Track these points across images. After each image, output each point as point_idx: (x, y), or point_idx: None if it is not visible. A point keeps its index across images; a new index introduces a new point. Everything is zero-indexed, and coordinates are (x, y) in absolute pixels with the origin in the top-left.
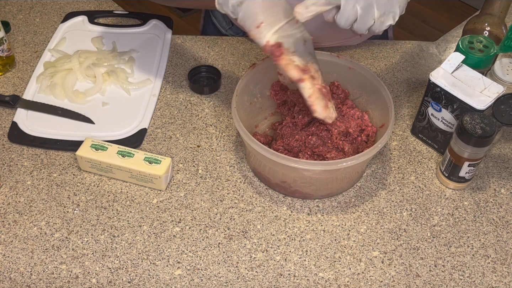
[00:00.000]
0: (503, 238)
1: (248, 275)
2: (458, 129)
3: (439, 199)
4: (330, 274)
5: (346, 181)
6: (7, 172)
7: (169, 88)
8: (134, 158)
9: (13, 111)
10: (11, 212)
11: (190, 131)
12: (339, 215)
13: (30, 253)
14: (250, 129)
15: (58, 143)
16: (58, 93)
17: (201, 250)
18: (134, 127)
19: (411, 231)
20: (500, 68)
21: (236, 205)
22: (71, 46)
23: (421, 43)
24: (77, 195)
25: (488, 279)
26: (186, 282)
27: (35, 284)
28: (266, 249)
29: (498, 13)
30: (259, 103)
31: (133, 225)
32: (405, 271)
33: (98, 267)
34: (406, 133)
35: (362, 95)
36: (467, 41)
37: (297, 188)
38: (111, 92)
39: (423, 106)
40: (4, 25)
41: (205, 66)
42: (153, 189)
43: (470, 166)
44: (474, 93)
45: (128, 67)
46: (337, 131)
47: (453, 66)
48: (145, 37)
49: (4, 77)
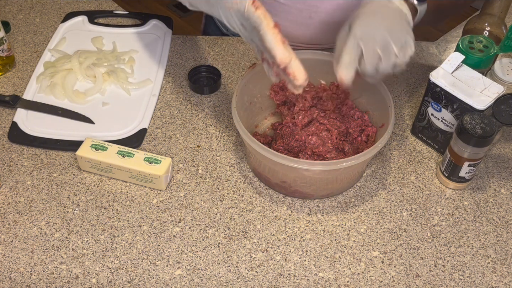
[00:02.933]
0: (503, 238)
1: (248, 275)
2: (458, 129)
3: (439, 199)
4: (330, 274)
5: (346, 181)
6: (7, 172)
7: (169, 88)
8: (134, 158)
9: (13, 111)
10: (11, 212)
11: (190, 131)
12: (339, 215)
13: (30, 253)
14: (250, 129)
15: (58, 143)
16: (58, 93)
17: (201, 250)
18: (134, 127)
19: (411, 231)
20: (500, 68)
21: (236, 205)
22: (71, 46)
23: (421, 43)
24: (77, 195)
25: (488, 279)
26: (186, 282)
27: (35, 284)
28: (266, 249)
29: (498, 13)
30: (259, 103)
31: (133, 225)
32: (405, 271)
33: (98, 267)
34: (406, 133)
35: (362, 95)
36: (467, 41)
37: (297, 188)
38: (111, 92)
39: (423, 106)
40: (4, 25)
41: (205, 66)
42: (153, 189)
43: (470, 166)
44: (474, 93)
45: (128, 67)
46: (337, 131)
47: (453, 66)
48: (145, 37)
49: (4, 77)
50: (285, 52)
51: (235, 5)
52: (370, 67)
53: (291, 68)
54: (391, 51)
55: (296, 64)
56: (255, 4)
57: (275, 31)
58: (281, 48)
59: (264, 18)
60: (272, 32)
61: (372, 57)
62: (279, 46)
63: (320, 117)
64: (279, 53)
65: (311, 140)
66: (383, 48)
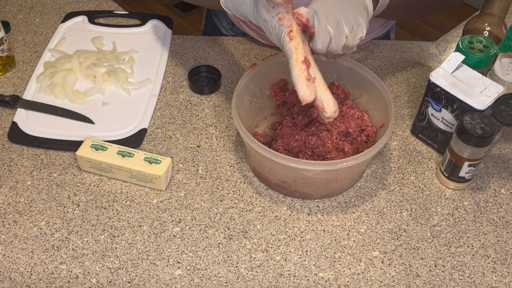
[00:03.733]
0: (503, 238)
1: (248, 275)
2: (458, 129)
3: (439, 199)
4: (330, 274)
5: (346, 181)
6: (7, 172)
7: (169, 88)
8: (134, 158)
9: (13, 111)
10: (11, 212)
11: (190, 131)
12: (339, 215)
13: (30, 253)
14: (250, 129)
15: (58, 143)
16: (58, 93)
17: (201, 250)
18: (134, 127)
19: (411, 231)
20: (500, 68)
21: (236, 205)
22: (71, 46)
23: (421, 43)
24: (77, 195)
25: (488, 279)
26: (186, 282)
27: (35, 284)
28: (266, 249)
29: (498, 13)
30: (259, 103)
31: (133, 225)
32: (405, 271)
33: (98, 267)
34: (406, 133)
35: (362, 95)
36: (467, 41)
37: (297, 188)
38: (111, 92)
39: (423, 106)
40: (4, 25)
41: (205, 66)
42: (153, 189)
43: (470, 166)
44: (474, 93)
45: (128, 67)
46: (337, 131)
47: (453, 66)
48: (145, 37)
49: (4, 77)
50: (307, 90)
51: (274, 30)
52: (321, 45)
53: (319, 100)
54: (342, 31)
55: (326, 97)
56: (290, 35)
57: (302, 68)
58: (303, 86)
59: (295, 51)
60: (298, 69)
61: (324, 35)
62: (302, 84)
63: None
64: (301, 90)
65: (311, 140)
66: (335, 27)
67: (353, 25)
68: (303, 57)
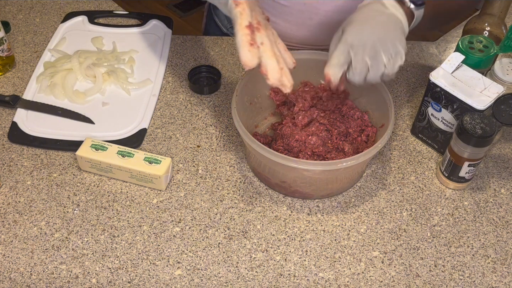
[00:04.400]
0: (503, 238)
1: (248, 275)
2: (458, 129)
3: (439, 199)
4: (330, 274)
5: (346, 181)
6: (7, 172)
7: (169, 88)
8: (134, 158)
9: (13, 111)
10: (11, 212)
11: (190, 131)
12: (339, 215)
13: (30, 253)
14: (250, 129)
15: (58, 143)
16: (58, 93)
17: (201, 250)
18: (134, 127)
19: (411, 231)
20: (500, 68)
21: (236, 205)
22: (71, 46)
23: (421, 43)
24: (77, 195)
25: (488, 279)
26: (186, 282)
27: (35, 284)
28: (266, 249)
29: (498, 13)
30: (259, 103)
31: (133, 225)
32: (405, 271)
33: (98, 267)
34: (406, 133)
35: (362, 95)
36: (467, 41)
37: (297, 188)
38: (111, 92)
39: (423, 106)
40: (4, 25)
41: (205, 66)
42: (153, 189)
43: (470, 166)
44: (474, 93)
45: (128, 67)
46: (337, 131)
47: (453, 66)
48: (145, 37)
49: (4, 77)
50: (248, 55)
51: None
52: (358, 76)
53: (263, 66)
54: (380, 61)
55: (271, 63)
56: (236, 1)
57: (245, 32)
58: (245, 51)
59: (240, 16)
60: (241, 33)
61: (361, 66)
62: (243, 49)
63: (320, 117)
64: (242, 55)
65: (311, 140)
66: (373, 57)
67: (391, 53)
68: (247, 22)
